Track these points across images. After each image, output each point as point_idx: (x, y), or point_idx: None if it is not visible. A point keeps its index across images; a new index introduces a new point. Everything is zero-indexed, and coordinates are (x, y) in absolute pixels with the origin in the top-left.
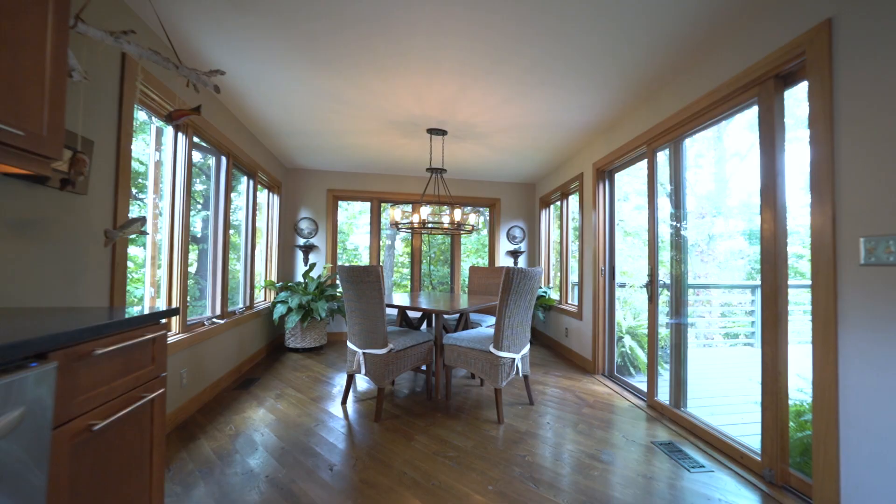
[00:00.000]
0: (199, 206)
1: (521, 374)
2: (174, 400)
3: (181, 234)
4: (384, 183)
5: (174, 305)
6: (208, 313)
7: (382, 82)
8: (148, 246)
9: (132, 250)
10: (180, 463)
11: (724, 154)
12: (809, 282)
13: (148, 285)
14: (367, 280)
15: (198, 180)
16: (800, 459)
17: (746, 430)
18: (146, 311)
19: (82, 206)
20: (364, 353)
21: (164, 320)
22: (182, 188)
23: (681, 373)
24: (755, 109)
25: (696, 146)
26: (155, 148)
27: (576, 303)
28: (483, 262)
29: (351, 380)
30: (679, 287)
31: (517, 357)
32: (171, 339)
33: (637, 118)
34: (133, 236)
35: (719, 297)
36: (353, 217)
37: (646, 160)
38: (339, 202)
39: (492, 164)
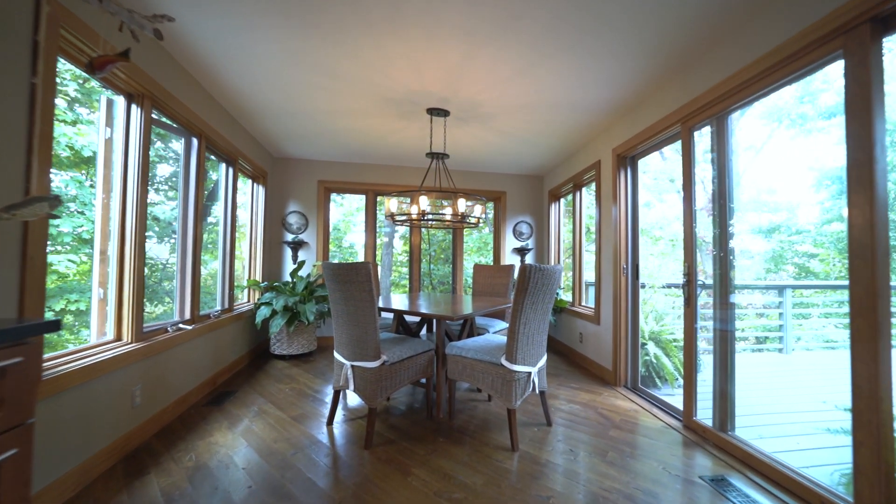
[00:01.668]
0: (166, 194)
1: (537, 391)
2: (121, 424)
3: (135, 225)
4: (380, 174)
5: (126, 309)
6: (176, 317)
7: (375, 50)
8: (97, 239)
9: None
10: None
11: (732, 143)
12: None
13: (96, 286)
14: (356, 280)
15: (167, 163)
16: None
17: (809, 460)
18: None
19: None
20: (353, 367)
21: (48, 334)
22: (136, 170)
23: (727, 388)
24: (815, 76)
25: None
26: (105, 123)
27: (591, 305)
28: (486, 261)
29: (338, 396)
30: (723, 288)
31: (534, 371)
32: (119, 351)
33: (668, 93)
34: (53, 218)
35: (744, 298)
36: (351, 214)
37: (674, 145)
38: (332, 195)
39: (497, 153)
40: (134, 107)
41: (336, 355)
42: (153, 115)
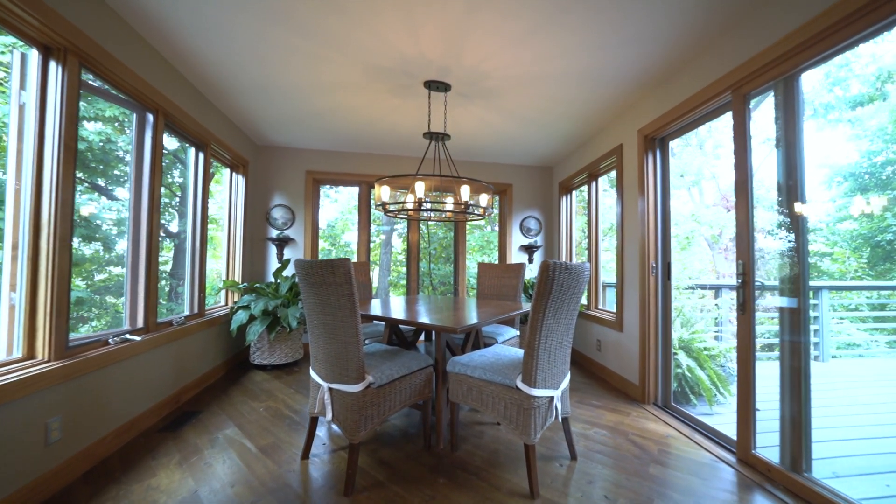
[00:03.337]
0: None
1: (559, 418)
2: (30, 467)
3: (54, 213)
4: (375, 164)
5: (42, 319)
6: (126, 325)
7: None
8: (7, 231)
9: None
10: None
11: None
12: None
13: (6, 288)
14: (333, 281)
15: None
16: None
17: None
18: None
19: None
20: (331, 390)
21: None
22: (56, 145)
23: (799, 416)
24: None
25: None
26: (20, 86)
27: (611, 309)
28: (489, 261)
29: (316, 423)
30: (797, 290)
31: (556, 394)
32: (29, 373)
33: (714, 55)
34: None
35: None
36: (350, 212)
37: (722, 118)
38: (323, 188)
39: (503, 139)
40: (53, 64)
41: (312, 374)
42: (92, 82)
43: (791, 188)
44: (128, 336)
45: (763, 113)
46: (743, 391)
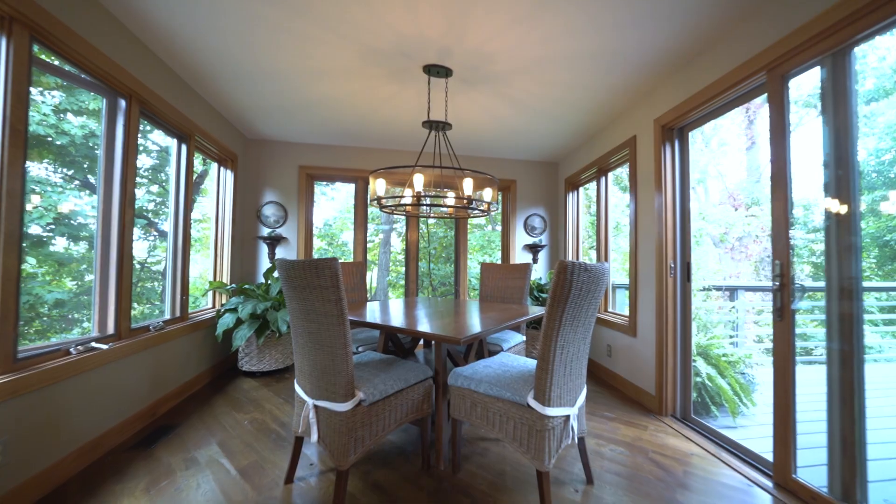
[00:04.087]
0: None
1: (574, 439)
2: None
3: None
4: (371, 159)
5: None
6: (94, 331)
7: None
8: None
9: None
10: None
11: (744, 131)
12: None
13: None
14: (318, 284)
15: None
16: None
17: None
18: None
19: None
20: (316, 407)
21: None
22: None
23: (851, 435)
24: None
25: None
26: None
27: (623, 312)
28: (490, 261)
29: (300, 443)
30: (844, 290)
31: (573, 412)
32: None
33: (746, 33)
34: None
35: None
36: (348, 211)
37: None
38: (318, 185)
39: (507, 132)
40: None
41: (297, 388)
42: (52, 61)
43: (841, 179)
44: (94, 344)
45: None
46: (781, 406)
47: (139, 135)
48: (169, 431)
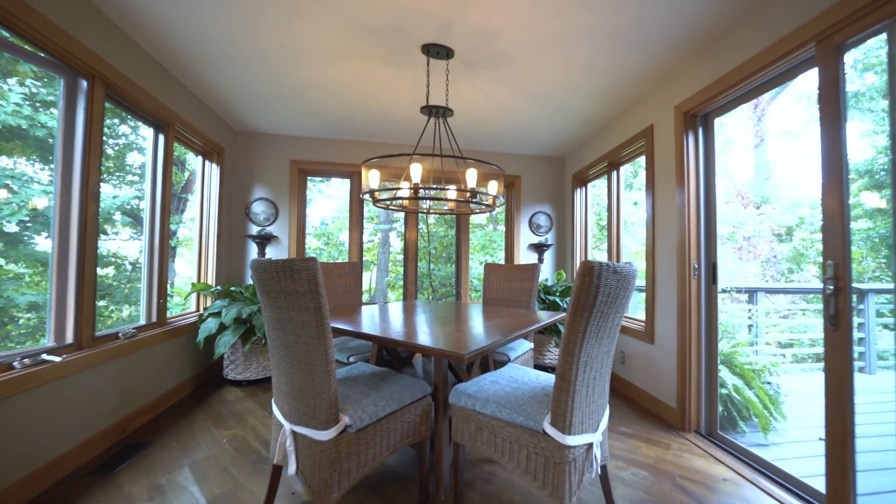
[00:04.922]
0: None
1: (598, 470)
2: None
3: None
4: (367, 153)
5: None
6: (49, 341)
7: None
8: None
9: None
10: None
11: (760, 130)
12: None
13: None
14: (293, 289)
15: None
16: None
17: None
18: None
19: None
20: (295, 433)
21: None
22: None
23: None
24: None
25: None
26: None
27: (639, 317)
28: (492, 261)
29: (279, 472)
30: None
31: (596, 439)
32: None
33: (783, 7)
34: None
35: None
36: (346, 209)
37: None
38: (314, 181)
39: (512, 123)
40: None
41: (274, 409)
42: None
43: None
44: (45, 357)
45: (779, 106)
46: (836, 427)
47: (132, 131)
48: (138, 451)
